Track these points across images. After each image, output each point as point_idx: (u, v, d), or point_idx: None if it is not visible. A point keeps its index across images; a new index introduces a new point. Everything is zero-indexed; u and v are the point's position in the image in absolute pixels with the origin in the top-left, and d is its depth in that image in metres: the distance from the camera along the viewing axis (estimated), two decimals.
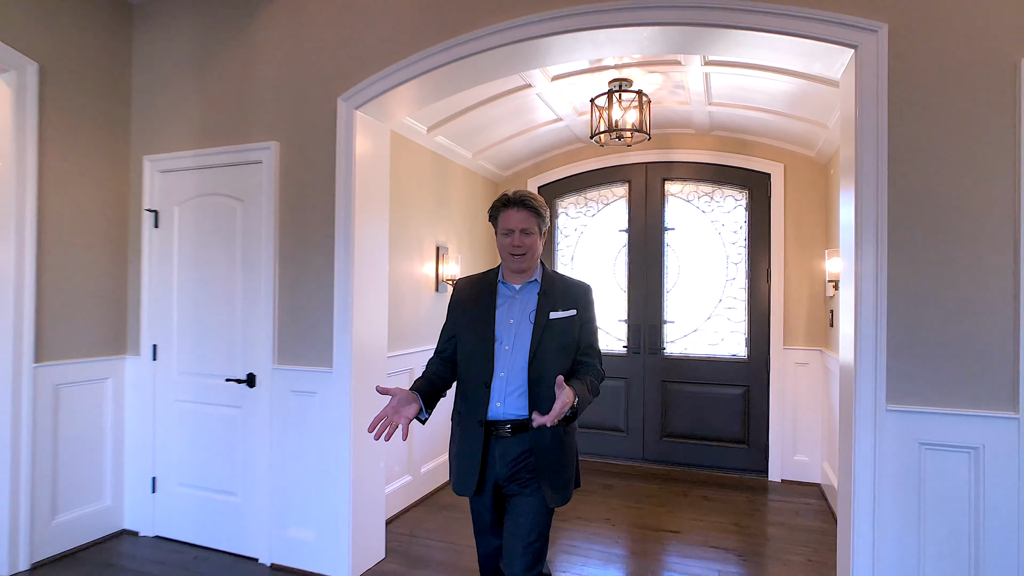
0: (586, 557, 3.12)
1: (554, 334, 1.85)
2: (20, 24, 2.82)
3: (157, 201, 3.26)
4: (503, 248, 1.90)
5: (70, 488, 3.05)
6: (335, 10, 2.89)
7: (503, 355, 1.86)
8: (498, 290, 1.95)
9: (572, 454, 1.92)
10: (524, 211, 1.87)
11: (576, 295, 1.94)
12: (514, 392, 1.84)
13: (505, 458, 1.83)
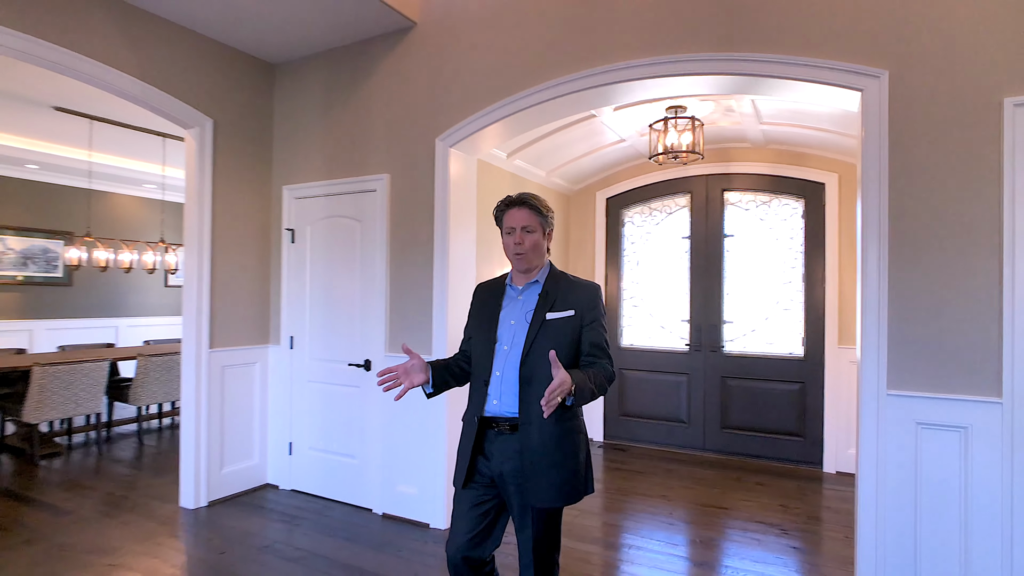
0: (640, 522, 3.62)
1: (549, 334, 1.86)
2: (201, 90, 3.70)
3: (293, 222, 4.08)
4: (507, 247, 1.96)
5: (231, 447, 3.93)
6: (429, 70, 3.56)
7: (501, 354, 1.91)
8: (505, 292, 2.02)
9: (569, 453, 1.86)
10: (526, 209, 1.94)
11: (580, 296, 1.93)
12: (508, 390, 1.88)
13: (499, 452, 1.87)
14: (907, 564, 2.38)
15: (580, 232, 5.70)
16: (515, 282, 2.00)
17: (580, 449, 1.89)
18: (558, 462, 1.83)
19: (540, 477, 1.81)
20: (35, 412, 4.54)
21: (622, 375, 5.46)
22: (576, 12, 3.11)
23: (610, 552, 3.22)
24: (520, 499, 1.84)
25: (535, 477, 1.80)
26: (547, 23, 3.19)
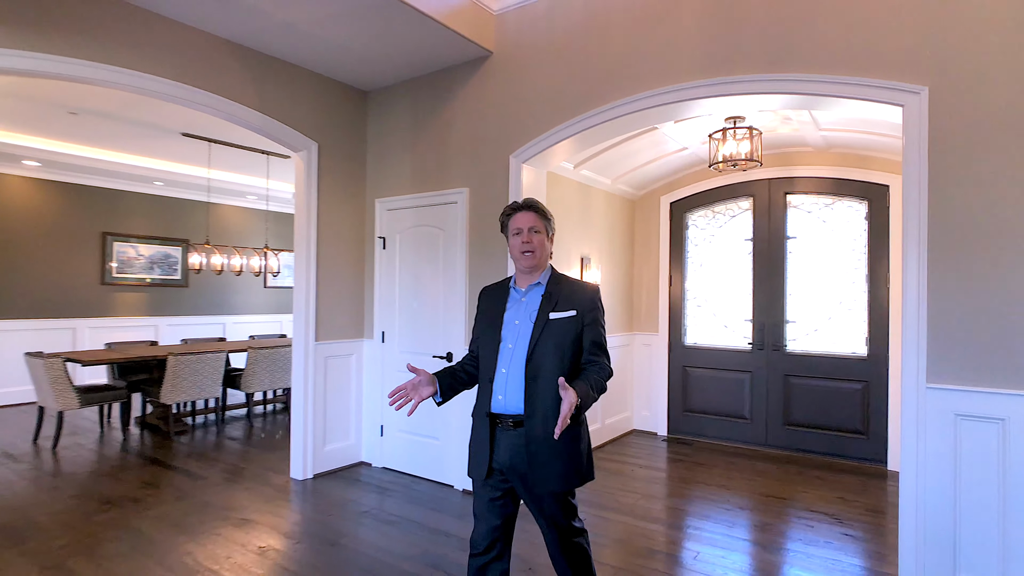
0: (700, 507, 3.89)
1: (553, 333, 1.98)
2: (307, 118, 4.29)
3: (384, 230, 4.62)
4: (514, 248, 2.06)
5: (332, 428, 4.51)
6: (503, 94, 3.98)
7: (506, 353, 2.03)
8: (509, 295, 2.13)
9: (572, 448, 1.98)
10: (532, 213, 2.07)
11: (580, 297, 2.05)
12: (515, 387, 1.98)
13: (505, 446, 1.99)
14: (946, 548, 2.56)
15: (645, 235, 5.97)
16: (519, 284, 2.12)
17: (581, 439, 2.02)
18: (561, 452, 1.95)
19: (545, 467, 1.94)
20: (170, 394, 5.32)
21: (686, 372, 5.70)
22: (636, 38, 3.44)
23: (673, 531, 3.52)
24: (528, 488, 1.97)
25: (540, 467, 1.93)
26: (609, 49, 3.54)
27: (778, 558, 3.16)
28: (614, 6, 3.53)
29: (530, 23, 3.89)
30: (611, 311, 5.55)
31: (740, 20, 3.10)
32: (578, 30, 3.68)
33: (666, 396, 5.77)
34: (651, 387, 5.87)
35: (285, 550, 3.20)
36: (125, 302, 7.87)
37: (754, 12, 3.06)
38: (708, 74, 3.18)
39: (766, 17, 3.03)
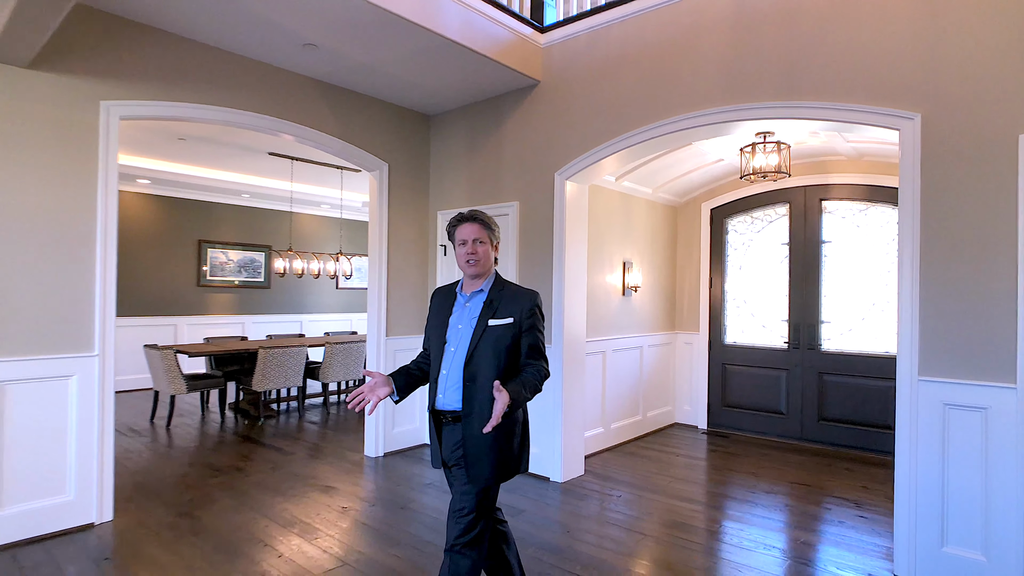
0: (728, 489, 4.28)
1: (490, 339, 2.10)
2: (380, 142, 4.94)
3: (445, 239, 5.22)
4: (460, 257, 2.16)
5: (400, 413, 5.13)
6: (549, 117, 4.49)
7: (448, 355, 2.16)
8: (456, 299, 2.25)
9: (503, 444, 2.11)
10: (476, 224, 2.17)
11: (520, 303, 2.16)
12: (453, 387, 2.12)
13: (448, 442, 2.15)
14: (936, 522, 2.89)
15: (687, 240, 6.33)
16: (464, 289, 2.24)
17: (515, 435, 2.16)
18: (494, 447, 2.08)
19: (481, 460, 2.08)
20: (260, 383, 6.12)
21: (726, 369, 6.03)
22: (665, 69, 3.87)
23: (700, 508, 3.93)
24: (464, 476, 2.11)
25: (476, 460, 2.08)
26: (641, 79, 3.99)
27: (790, 531, 3.53)
28: (645, 41, 3.98)
29: (573, 55, 4.38)
30: (653, 312, 5.97)
31: (755, 54, 3.49)
32: (614, 62, 4.14)
33: (706, 392, 6.12)
34: (692, 383, 6.23)
35: (363, 510, 3.83)
36: (217, 302, 8.86)
37: (767, 47, 3.45)
38: (728, 102, 3.59)
39: (777, 52, 3.41)
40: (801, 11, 3.34)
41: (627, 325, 5.59)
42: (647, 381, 5.88)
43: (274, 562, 3.06)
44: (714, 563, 3.12)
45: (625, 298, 5.57)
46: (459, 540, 2.05)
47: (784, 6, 3.40)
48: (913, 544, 2.95)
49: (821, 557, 3.22)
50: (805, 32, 3.33)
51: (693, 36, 3.76)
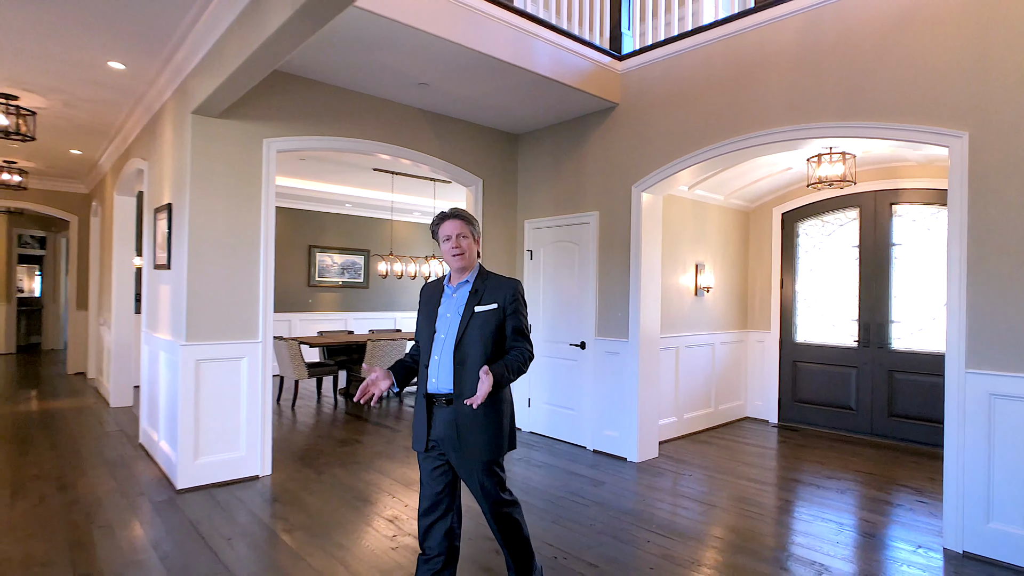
0: (791, 474, 4.66)
1: (477, 324, 2.26)
2: (475, 160, 5.63)
3: (531, 245, 5.86)
4: (446, 252, 2.32)
5: None
6: (627, 136, 5.02)
7: (439, 342, 2.31)
8: (444, 291, 2.40)
9: (495, 422, 2.27)
10: (459, 220, 2.32)
11: (503, 290, 2.32)
12: (445, 371, 2.27)
13: (440, 421, 2.28)
14: (981, 502, 3.21)
15: (758, 243, 6.66)
16: (451, 282, 2.39)
17: (504, 415, 2.31)
18: (484, 425, 2.24)
19: (471, 437, 2.23)
20: None
21: (796, 366, 6.33)
22: (733, 92, 4.32)
23: (763, 487, 4.35)
24: (458, 457, 2.26)
25: (467, 438, 2.24)
26: (712, 101, 4.45)
27: (850, 508, 3.90)
28: (716, 67, 4.44)
29: (649, 80, 4.90)
30: (725, 311, 6.35)
31: (816, 79, 3.89)
32: (687, 86, 4.63)
33: (777, 387, 6.43)
34: (763, 379, 6.55)
35: None
36: (323, 300, 9.93)
37: (827, 73, 3.84)
38: (792, 122, 4.01)
39: (837, 77, 3.80)
40: (858, 39, 3.72)
41: (699, 323, 6.02)
42: (719, 376, 6.27)
43: (401, 509, 3.80)
44: (777, 530, 3.57)
45: (697, 298, 6.00)
46: (495, 508, 2.32)
47: (843, 35, 3.78)
48: (961, 520, 3.29)
49: (877, 528, 3.59)
50: (862, 58, 3.70)
51: (759, 63, 4.19)
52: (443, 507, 2.31)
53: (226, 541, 3.28)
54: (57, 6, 3.46)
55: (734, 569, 3.04)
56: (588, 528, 3.54)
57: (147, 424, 5.06)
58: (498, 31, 4.08)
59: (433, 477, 2.32)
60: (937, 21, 3.42)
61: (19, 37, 3.90)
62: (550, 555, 3.16)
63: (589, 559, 3.13)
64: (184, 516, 3.63)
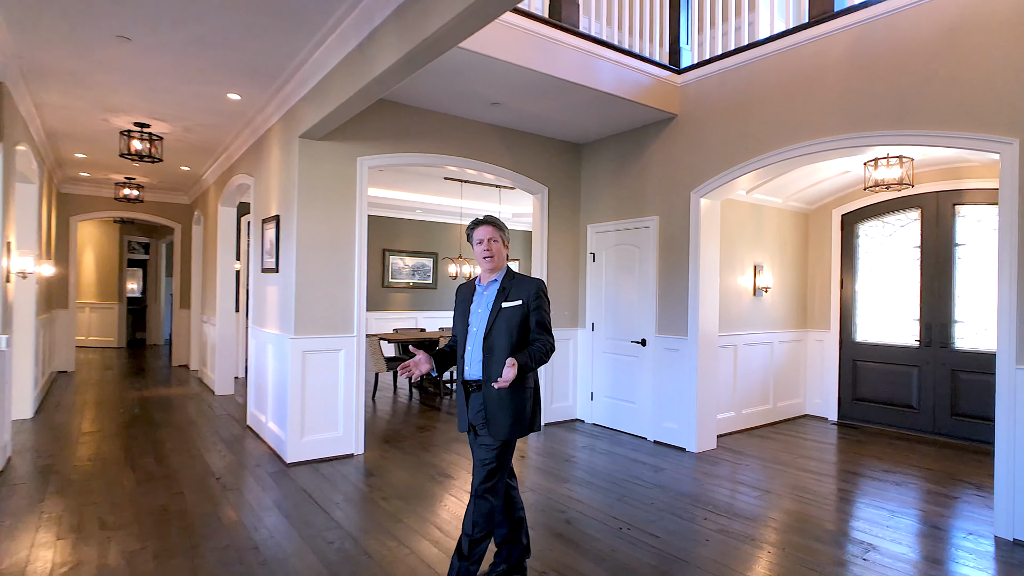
0: (846, 466, 4.85)
1: (504, 319, 2.52)
2: (541, 170, 6.07)
3: (594, 247, 6.24)
4: (477, 255, 2.61)
5: (557, 392, 6.23)
6: (685, 145, 5.32)
7: (471, 335, 2.60)
8: (475, 290, 2.68)
9: (517, 406, 2.53)
10: (490, 226, 2.59)
11: (527, 289, 2.57)
12: (476, 360, 2.56)
13: (473, 404, 2.58)
14: None
15: (817, 244, 6.79)
16: (482, 281, 2.67)
17: (527, 400, 2.57)
18: (509, 408, 2.50)
19: (497, 418, 2.50)
20: None
21: (856, 365, 6.43)
22: (788, 103, 4.57)
23: (818, 476, 4.57)
24: (484, 435, 2.55)
25: (494, 419, 2.51)
26: (767, 111, 4.71)
27: (905, 497, 4.08)
28: (770, 78, 4.69)
29: (706, 92, 5.19)
30: (784, 310, 6.53)
31: (869, 90, 4.10)
32: (743, 97, 4.90)
33: (837, 385, 6.55)
34: (823, 377, 6.68)
35: (533, 459, 4.95)
36: (395, 299, 10.62)
37: (878, 83, 4.05)
38: (845, 131, 4.23)
39: (887, 87, 4.00)
40: (909, 52, 3.91)
41: (757, 322, 6.23)
42: (777, 373, 6.45)
43: None
44: (828, 513, 3.82)
45: (756, 298, 6.21)
46: (482, 486, 2.50)
47: (894, 48, 3.98)
48: (1012, 508, 3.46)
49: (930, 516, 3.78)
50: (913, 69, 3.90)
51: (813, 75, 4.42)
52: None
53: (335, 504, 3.84)
54: (198, 55, 4.13)
55: (784, 543, 3.34)
56: (649, 506, 3.90)
57: (255, 408, 5.76)
58: (565, 55, 4.50)
59: (478, 451, 2.60)
60: (986, 33, 3.59)
61: (158, 79, 4.63)
62: (615, 527, 3.55)
63: (651, 531, 3.50)
64: (296, 484, 4.23)
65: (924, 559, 3.19)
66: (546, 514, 3.73)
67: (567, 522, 3.61)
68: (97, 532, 3.36)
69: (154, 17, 3.62)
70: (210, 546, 3.21)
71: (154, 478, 4.33)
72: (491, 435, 2.51)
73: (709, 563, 3.08)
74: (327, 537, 3.34)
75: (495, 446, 2.52)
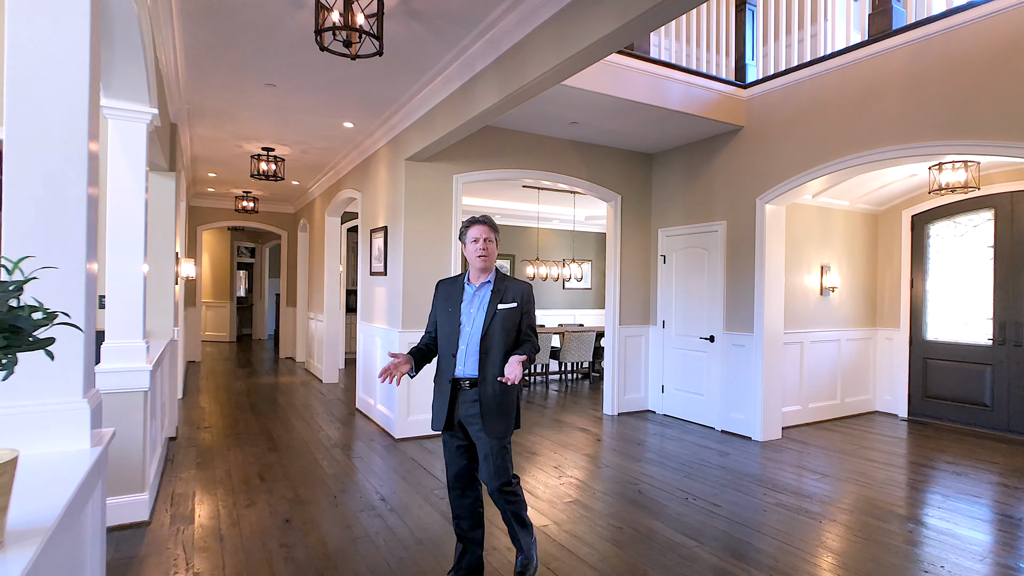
0: (912, 458, 5.11)
1: (500, 319, 2.59)
2: (615, 179, 6.61)
3: (664, 250, 6.71)
4: (472, 253, 2.61)
5: (629, 384, 6.75)
6: (751, 153, 5.71)
7: (464, 334, 2.61)
8: (464, 289, 2.68)
9: (510, 404, 2.63)
10: (486, 226, 2.62)
11: (520, 292, 2.66)
12: (470, 359, 2.59)
13: (465, 403, 2.60)
14: None
15: (887, 244, 6.94)
16: (472, 280, 2.68)
17: (515, 400, 2.69)
18: (502, 406, 2.60)
19: (492, 416, 2.58)
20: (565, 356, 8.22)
21: (926, 363, 6.56)
22: (848, 115, 4.89)
23: (881, 465, 4.88)
24: (478, 433, 2.59)
25: (489, 417, 2.57)
26: (828, 123, 5.04)
27: (965, 485, 4.35)
28: (831, 92, 5.03)
29: (771, 105, 5.57)
30: (852, 309, 6.75)
31: (924, 102, 4.39)
32: (805, 110, 5.25)
33: (907, 383, 6.69)
34: (892, 375, 6.83)
35: (607, 440, 5.51)
36: None
37: (934, 96, 4.33)
38: (903, 141, 4.53)
39: (943, 100, 4.28)
40: (964, 66, 4.18)
41: (824, 320, 6.50)
42: (845, 370, 6.68)
43: (561, 460, 4.88)
44: (882, 494, 4.17)
45: (822, 297, 6.48)
46: (501, 483, 2.63)
47: (949, 63, 4.26)
48: None
49: (986, 503, 4.06)
50: (968, 83, 4.17)
51: (872, 88, 4.74)
52: (471, 479, 2.74)
53: (440, 471, 4.56)
54: (324, 94, 4.97)
55: (835, 516, 3.75)
56: (713, 483, 4.39)
57: (363, 392, 6.63)
58: (636, 79, 5.03)
59: (459, 454, 2.70)
60: None
61: (289, 113, 5.54)
62: (681, 497, 4.07)
63: (714, 501, 3.99)
64: (406, 455, 5.00)
65: (991, 542, 3.52)
66: (620, 485, 4.30)
67: (639, 492, 4.16)
68: (259, 484, 4.24)
69: (295, 68, 4.46)
70: (346, 496, 4.00)
71: (290, 446, 5.23)
72: (487, 432, 2.57)
73: (764, 527, 3.56)
74: (438, 494, 4.06)
75: (497, 445, 2.60)
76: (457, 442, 2.68)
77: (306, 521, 3.58)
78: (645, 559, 3.13)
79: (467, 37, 3.89)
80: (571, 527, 3.53)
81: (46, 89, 1.68)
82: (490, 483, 2.63)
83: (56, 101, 1.69)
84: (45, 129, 1.68)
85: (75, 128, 1.72)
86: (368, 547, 3.23)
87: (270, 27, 3.78)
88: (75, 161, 1.72)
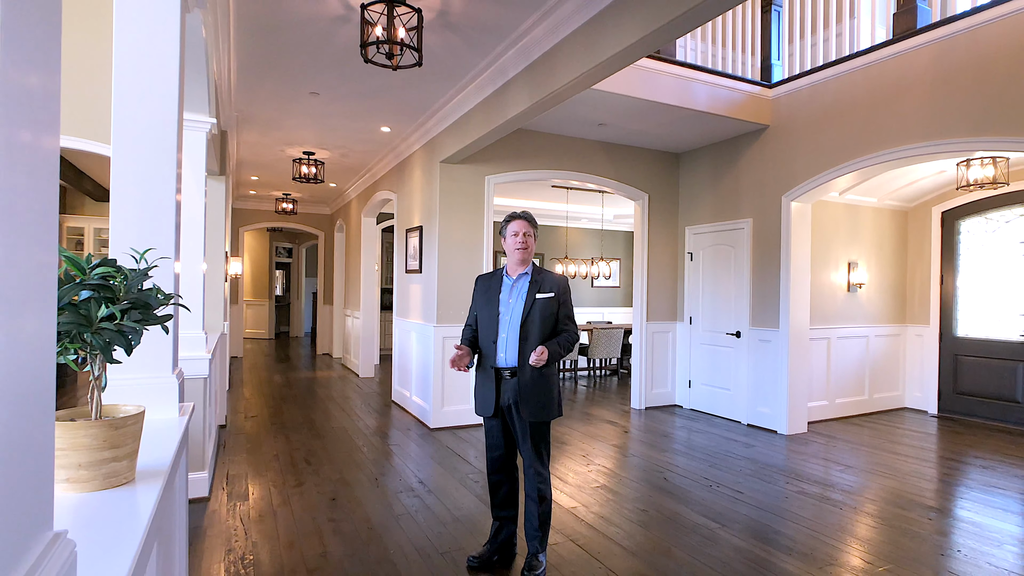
0: (940, 451, 5.15)
1: (538, 309, 2.71)
2: (642, 178, 6.76)
3: (691, 247, 6.83)
4: (511, 246, 2.77)
5: (656, 379, 6.89)
6: (777, 152, 5.80)
7: (504, 323, 2.74)
8: (503, 281, 2.83)
9: (547, 390, 2.74)
10: (525, 221, 2.79)
11: (557, 284, 2.79)
12: (511, 347, 2.71)
13: (506, 389, 2.74)
14: None
15: (917, 241, 6.94)
16: (510, 273, 2.84)
17: (553, 386, 2.79)
18: (540, 391, 2.73)
19: (530, 401, 2.71)
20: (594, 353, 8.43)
21: (957, 359, 6.55)
22: (873, 114, 4.97)
23: (907, 457, 4.94)
24: (519, 418, 2.74)
25: (527, 401, 2.71)
26: (854, 121, 5.12)
27: (991, 478, 4.40)
28: (857, 91, 5.10)
29: (797, 104, 5.66)
30: (880, 306, 6.77)
31: (950, 100, 4.45)
32: (831, 108, 5.33)
33: (936, 379, 6.69)
34: (922, 371, 6.83)
35: (635, 432, 5.68)
36: None
37: (960, 93, 4.39)
38: (929, 139, 4.59)
39: (969, 97, 4.34)
40: (991, 63, 4.23)
41: (852, 317, 6.54)
42: (872, 366, 6.71)
43: (589, 449, 5.07)
44: (905, 483, 4.25)
45: (850, 294, 6.53)
46: (535, 463, 2.79)
47: (976, 60, 4.31)
48: None
49: (1015, 492, 4.11)
50: (995, 79, 4.22)
51: (897, 86, 4.81)
52: (509, 465, 2.90)
53: (474, 458, 4.80)
54: (364, 101, 5.26)
55: (857, 504, 3.86)
56: (738, 472, 4.53)
57: (399, 385, 6.93)
58: (663, 81, 5.19)
59: (501, 440, 2.86)
60: None
61: (330, 119, 5.85)
62: (706, 484, 4.23)
63: (736, 488, 4.14)
64: (441, 443, 5.26)
65: (1011, 530, 3.60)
66: (648, 472, 4.47)
67: (665, 479, 4.33)
68: (306, 467, 4.54)
69: (339, 78, 4.75)
70: (387, 479, 4.28)
71: (331, 434, 5.54)
72: (528, 414, 2.72)
73: (786, 512, 3.70)
74: (473, 478, 4.30)
75: (534, 428, 2.75)
76: (500, 427, 2.84)
77: (351, 500, 3.85)
78: (669, 538, 3.31)
79: (500, 46, 4.12)
80: (598, 509, 3.73)
81: (144, 110, 1.96)
82: (528, 470, 2.81)
83: (152, 120, 1.97)
84: (143, 144, 1.97)
85: (166, 143, 2.00)
86: (409, 523, 3.48)
87: (318, 41, 4.06)
88: (166, 172, 2.00)
